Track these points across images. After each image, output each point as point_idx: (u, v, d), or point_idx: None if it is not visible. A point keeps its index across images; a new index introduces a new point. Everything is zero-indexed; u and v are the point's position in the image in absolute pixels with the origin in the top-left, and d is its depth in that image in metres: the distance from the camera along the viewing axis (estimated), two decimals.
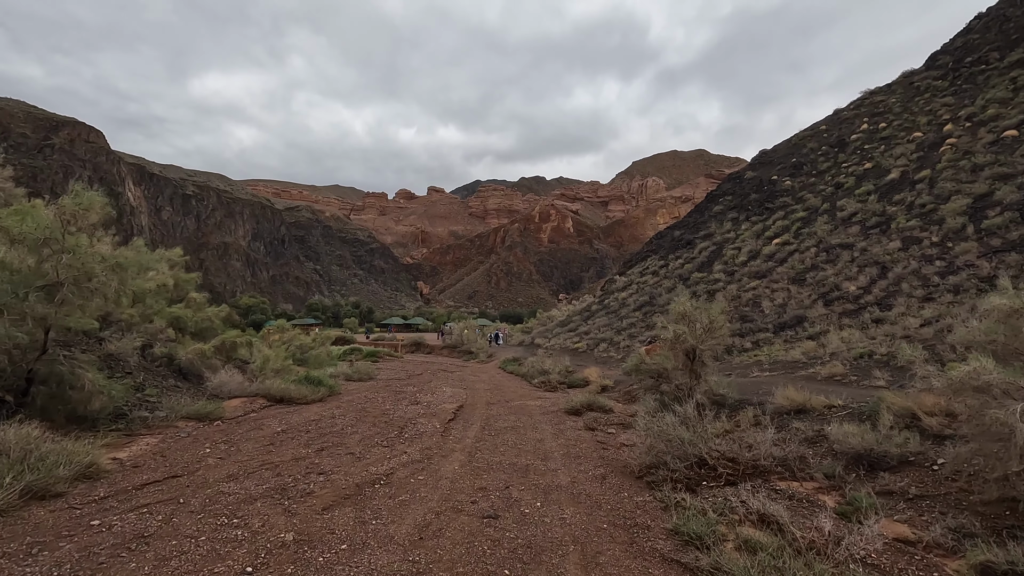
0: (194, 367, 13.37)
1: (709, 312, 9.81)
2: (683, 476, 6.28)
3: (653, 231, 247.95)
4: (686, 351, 10.00)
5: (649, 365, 10.54)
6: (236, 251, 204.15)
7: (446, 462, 7.30)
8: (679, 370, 10.46)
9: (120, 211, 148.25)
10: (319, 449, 7.65)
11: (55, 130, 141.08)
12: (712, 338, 10.01)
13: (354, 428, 9.63)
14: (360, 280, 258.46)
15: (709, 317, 9.84)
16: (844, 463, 6.15)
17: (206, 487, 5.61)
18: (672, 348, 10.11)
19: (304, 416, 10.75)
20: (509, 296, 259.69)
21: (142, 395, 10.23)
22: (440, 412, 12.08)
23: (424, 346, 52.53)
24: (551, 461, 7.63)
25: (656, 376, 10.63)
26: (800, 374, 13.32)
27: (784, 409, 8.64)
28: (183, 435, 8.26)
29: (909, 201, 29.70)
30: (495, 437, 9.44)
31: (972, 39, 48.43)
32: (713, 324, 9.78)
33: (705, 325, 9.84)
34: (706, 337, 9.97)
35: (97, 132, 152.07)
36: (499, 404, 14.51)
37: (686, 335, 9.78)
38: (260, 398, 12.61)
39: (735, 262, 36.62)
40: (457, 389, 18.04)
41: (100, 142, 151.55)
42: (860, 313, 19.99)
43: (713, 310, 9.87)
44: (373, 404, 13.25)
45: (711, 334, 9.98)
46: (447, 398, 15.22)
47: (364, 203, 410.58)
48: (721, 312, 9.86)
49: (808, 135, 54.71)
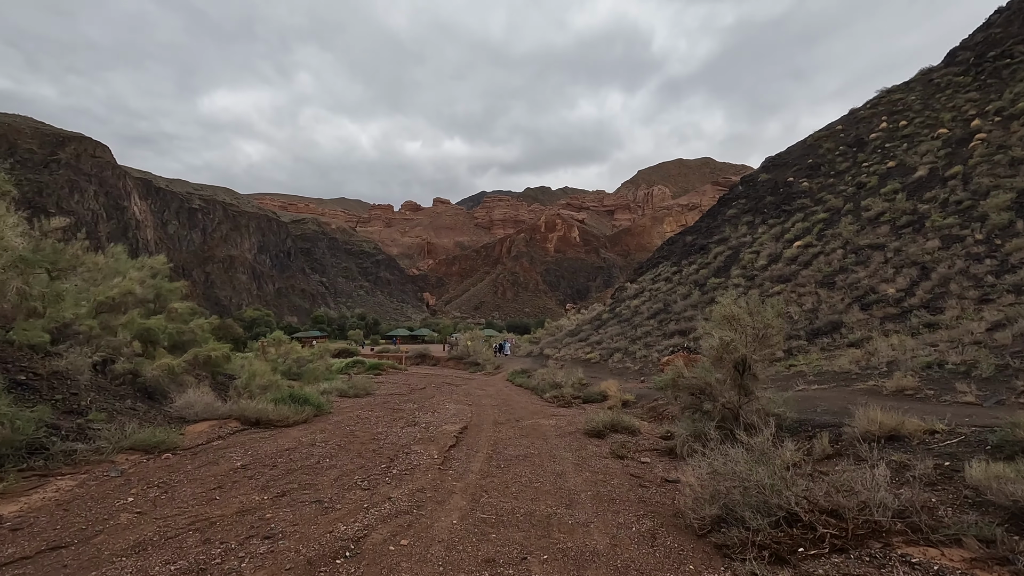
0: (160, 385, 11.73)
1: (763, 315, 8.07)
2: (769, 539, 4.50)
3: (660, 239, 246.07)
4: (735, 362, 8.24)
5: (688, 379, 8.77)
6: (242, 264, 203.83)
7: (442, 513, 5.56)
8: (725, 385, 8.69)
9: (126, 225, 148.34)
10: (279, 494, 5.93)
11: (61, 145, 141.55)
12: (766, 346, 8.25)
13: (333, 460, 7.91)
14: (366, 292, 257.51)
15: (763, 321, 8.09)
16: (1001, 520, 4.36)
17: (91, 568, 3.92)
18: (718, 359, 8.35)
19: (278, 444, 9.05)
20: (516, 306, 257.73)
21: (84, 421, 8.58)
22: (440, 436, 10.34)
23: (429, 358, 50.80)
24: (579, 508, 5.88)
25: (698, 392, 8.85)
26: (857, 387, 11.49)
27: (870, 435, 6.84)
28: (114, 475, 6.58)
29: (943, 198, 27.86)
30: (505, 470, 7.70)
31: (994, 33, 46.66)
32: (768, 329, 8.03)
33: (758, 330, 8.08)
34: (759, 345, 8.20)
35: (103, 147, 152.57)
36: (508, 424, 12.75)
37: (735, 343, 8.03)
38: (233, 421, 10.93)
39: (754, 266, 34.80)
40: (461, 406, 16.30)
41: (106, 157, 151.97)
42: (905, 317, 18.11)
43: (767, 313, 8.12)
44: (364, 426, 11.53)
45: (764, 341, 8.22)
46: (449, 417, 13.48)
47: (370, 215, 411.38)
48: (777, 315, 8.10)
49: (824, 135, 52.92)
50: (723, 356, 8.25)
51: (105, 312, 13.05)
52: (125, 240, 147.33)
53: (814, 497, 4.89)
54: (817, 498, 4.87)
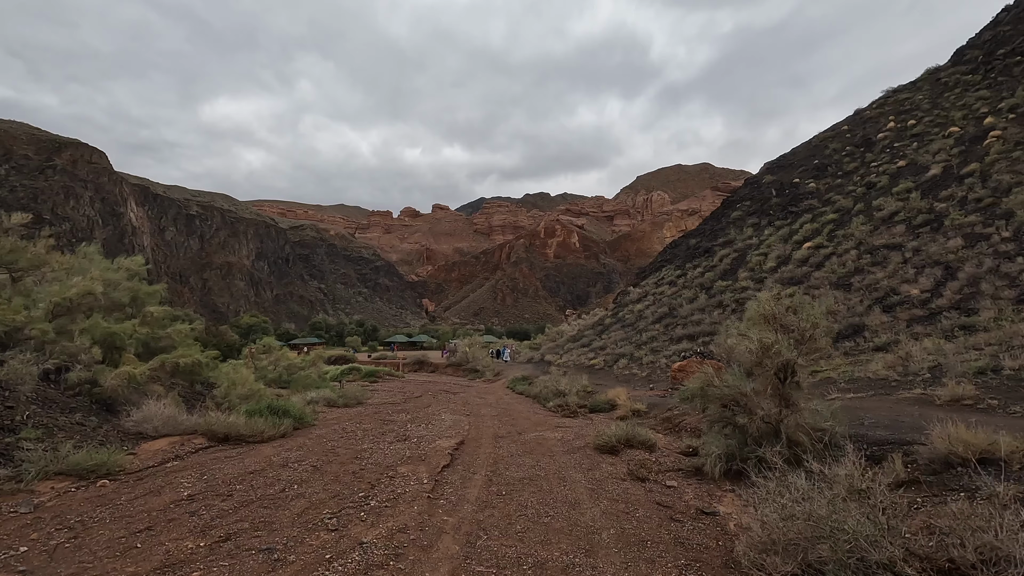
0: (120, 396, 10.47)
1: (809, 313, 6.84)
2: None
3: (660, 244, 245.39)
4: (777, 368, 7.00)
5: (720, 388, 7.52)
6: (240, 271, 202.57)
7: (427, 565, 4.30)
8: (763, 395, 7.45)
9: (122, 231, 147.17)
10: (220, 539, 4.67)
11: (58, 151, 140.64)
12: (812, 350, 7.03)
13: (303, 487, 6.65)
14: (365, 298, 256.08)
15: (810, 320, 6.86)
16: None
17: None
18: (757, 364, 7.11)
19: (244, 465, 7.79)
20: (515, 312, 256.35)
21: (14, 440, 7.32)
22: (432, 453, 9.08)
23: (428, 364, 49.48)
24: (602, 555, 4.62)
25: (731, 404, 7.61)
26: (902, 396, 10.24)
27: (954, 456, 5.59)
28: (24, 510, 5.32)
29: (961, 196, 26.72)
30: (507, 499, 6.44)
31: (1003, 31, 45.78)
32: (815, 330, 6.80)
33: (804, 331, 6.86)
34: (805, 348, 6.98)
35: (100, 153, 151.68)
36: (510, 437, 11.49)
37: (779, 346, 6.79)
38: (199, 436, 9.66)
39: (763, 268, 33.60)
40: (458, 416, 15.03)
41: (103, 163, 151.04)
42: (934, 319, 16.91)
43: (814, 310, 6.90)
44: (348, 441, 10.27)
45: (810, 344, 7.00)
46: (445, 430, 12.21)
47: (369, 221, 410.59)
48: (826, 312, 6.89)
49: (829, 136, 51.92)
50: (763, 361, 7.01)
51: (63, 315, 11.80)
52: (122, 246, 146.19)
53: (924, 549, 3.65)
54: (928, 551, 3.63)
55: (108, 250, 73.71)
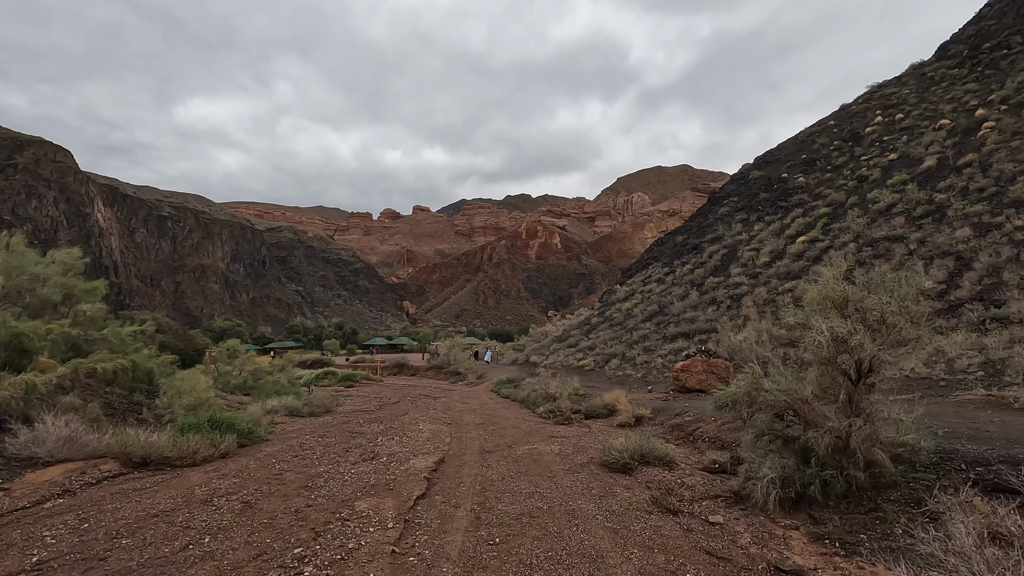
0: (14, 409, 8.42)
1: (901, 293, 5.22)
2: None
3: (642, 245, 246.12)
4: (854, 365, 5.37)
5: (773, 393, 5.85)
6: (214, 273, 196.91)
7: None
8: (827, 401, 5.81)
9: (88, 233, 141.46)
10: None
11: (19, 149, 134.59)
12: (899, 342, 5.41)
13: (217, 540, 4.79)
14: (344, 301, 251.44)
15: (899, 303, 5.24)
16: None
17: None
18: (828, 361, 5.46)
19: (149, 503, 5.88)
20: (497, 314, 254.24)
21: None
22: (404, 478, 7.26)
23: (408, 367, 47.38)
24: None
25: (785, 412, 5.94)
26: (962, 398, 8.74)
27: None
28: None
29: (961, 186, 25.77)
30: (503, 553, 4.67)
31: (987, 26, 45.60)
32: (910, 316, 5.18)
33: (891, 318, 5.24)
34: (888, 340, 5.36)
35: (65, 151, 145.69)
36: (498, 452, 9.71)
37: (859, 338, 5.16)
38: (110, 461, 7.70)
39: (756, 263, 32.37)
40: (438, 425, 13.19)
41: (68, 162, 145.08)
42: (956, 312, 15.63)
43: (906, 290, 5.27)
44: (302, 463, 8.38)
45: (897, 335, 5.38)
46: (422, 444, 10.38)
47: (348, 223, 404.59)
48: (920, 293, 5.27)
49: (816, 131, 51.28)
50: (836, 358, 5.36)
51: None
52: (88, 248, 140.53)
53: None
54: None
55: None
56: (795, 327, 5.87)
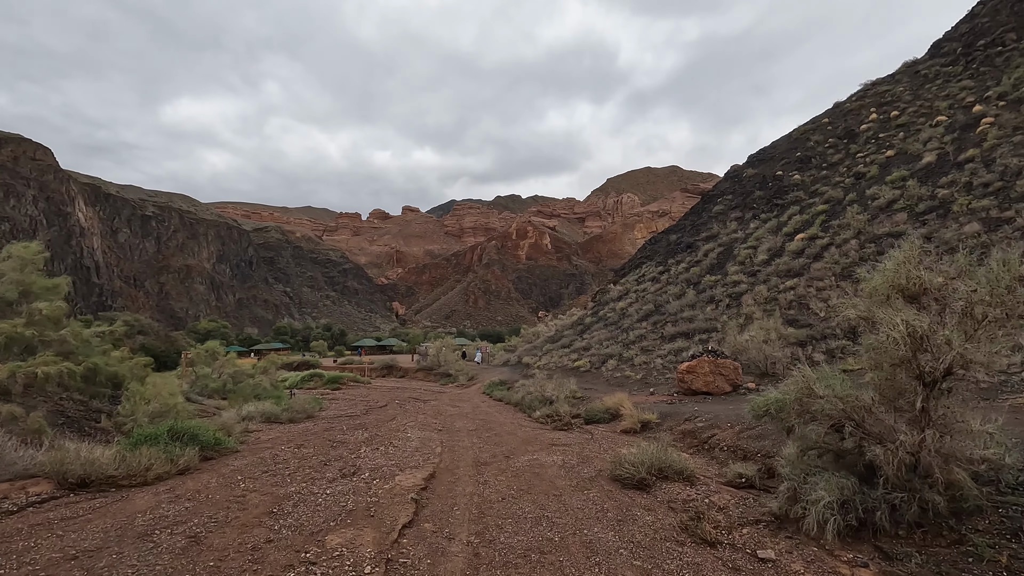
0: None
1: (995, 276, 4.29)
2: None
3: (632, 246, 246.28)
4: (937, 367, 4.42)
5: (830, 400, 4.89)
6: (199, 274, 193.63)
7: None
8: (892, 408, 4.87)
9: (69, 232, 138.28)
10: None
11: None
12: (989, 338, 4.48)
13: None
14: (332, 302, 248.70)
15: (989, 289, 4.31)
16: None
17: None
18: (899, 364, 4.51)
19: (73, 539, 4.79)
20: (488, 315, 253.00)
21: None
22: (388, 500, 6.22)
23: (397, 369, 46.19)
24: None
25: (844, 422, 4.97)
26: (1013, 402, 7.87)
27: None
28: None
29: (964, 181, 25.19)
30: None
31: (981, 23, 45.42)
32: (1006, 306, 4.24)
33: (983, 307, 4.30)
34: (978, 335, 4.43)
35: (45, 149, 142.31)
36: (496, 464, 8.69)
37: (947, 334, 4.21)
38: (43, 481, 6.57)
39: (754, 261, 31.65)
40: (428, 432, 12.13)
41: (48, 160, 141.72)
42: None
43: (999, 273, 4.34)
44: (271, 479, 7.30)
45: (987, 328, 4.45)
46: (410, 455, 9.32)
47: (337, 223, 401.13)
48: (1019, 279, 4.33)
49: (810, 129, 50.86)
50: (913, 358, 4.40)
51: None
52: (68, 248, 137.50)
53: None
54: None
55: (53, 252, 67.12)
56: (857, 321, 4.91)
